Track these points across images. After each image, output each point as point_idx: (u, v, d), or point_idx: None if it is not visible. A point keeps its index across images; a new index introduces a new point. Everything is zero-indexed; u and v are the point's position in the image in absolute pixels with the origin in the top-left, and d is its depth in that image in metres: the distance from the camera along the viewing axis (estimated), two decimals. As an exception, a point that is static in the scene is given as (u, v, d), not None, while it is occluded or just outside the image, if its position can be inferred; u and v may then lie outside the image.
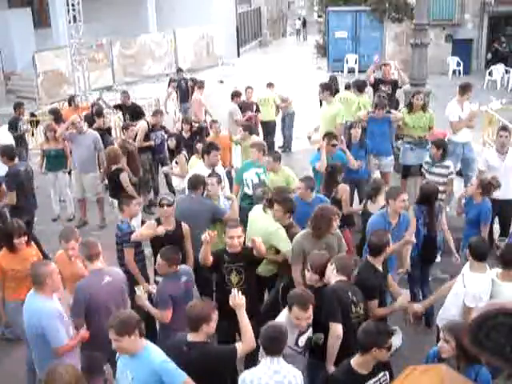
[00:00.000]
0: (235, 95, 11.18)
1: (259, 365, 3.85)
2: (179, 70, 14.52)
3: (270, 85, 12.10)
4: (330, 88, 9.48)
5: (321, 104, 10.69)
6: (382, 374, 3.85)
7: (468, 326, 1.94)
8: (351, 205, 7.19)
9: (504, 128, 7.36)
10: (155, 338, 4.88)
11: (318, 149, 7.41)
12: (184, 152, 8.50)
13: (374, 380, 3.81)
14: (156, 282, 5.59)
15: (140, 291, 5.01)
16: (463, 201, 7.09)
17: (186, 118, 10.28)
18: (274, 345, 3.79)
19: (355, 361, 3.78)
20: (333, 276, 4.47)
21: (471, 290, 4.65)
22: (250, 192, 7.13)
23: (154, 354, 3.74)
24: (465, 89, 8.56)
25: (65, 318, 4.44)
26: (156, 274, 5.58)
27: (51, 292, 4.41)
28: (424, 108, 8.73)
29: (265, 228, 5.53)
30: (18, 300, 5.05)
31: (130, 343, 3.65)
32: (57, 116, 10.02)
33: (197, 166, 7.26)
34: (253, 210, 6.01)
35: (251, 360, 4.46)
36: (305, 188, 6.02)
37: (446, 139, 8.36)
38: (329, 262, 4.56)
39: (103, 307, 4.66)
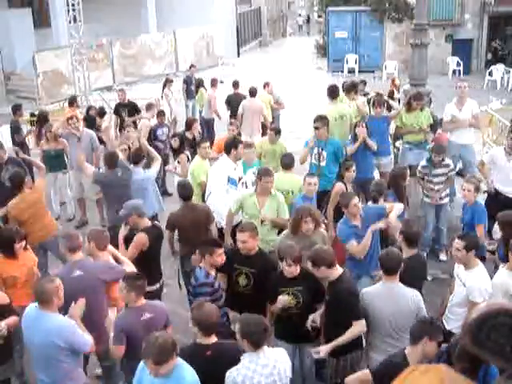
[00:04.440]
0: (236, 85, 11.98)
1: (245, 362, 3.75)
2: (192, 66, 14.64)
3: (265, 85, 12.11)
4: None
5: None
6: None
7: (468, 326, 1.93)
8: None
9: None
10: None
11: None
12: (187, 152, 8.50)
13: None
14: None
15: (113, 313, 4.59)
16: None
17: (191, 118, 10.32)
18: (259, 338, 3.73)
19: (408, 349, 3.78)
20: (326, 272, 4.47)
21: (475, 285, 4.66)
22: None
23: (186, 373, 3.61)
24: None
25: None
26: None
27: (56, 308, 4.24)
28: (421, 107, 8.76)
29: None
30: (18, 306, 4.93)
31: (167, 368, 3.49)
32: (42, 118, 10.01)
33: (222, 159, 7.19)
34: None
35: None
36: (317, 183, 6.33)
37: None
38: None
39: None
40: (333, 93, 8.61)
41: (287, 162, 6.92)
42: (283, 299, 4.64)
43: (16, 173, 6.91)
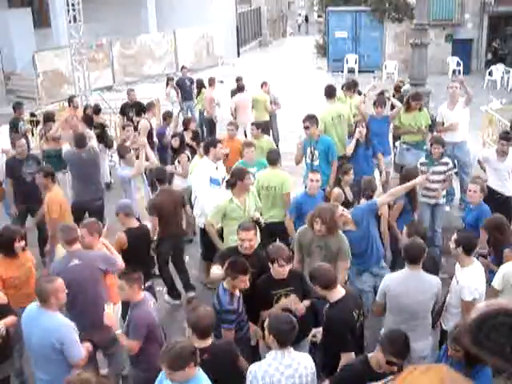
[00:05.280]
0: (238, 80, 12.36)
1: (269, 358, 3.77)
2: (183, 68, 14.66)
3: (263, 84, 12.23)
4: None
5: None
6: (389, 377, 3.70)
7: (467, 326, 1.93)
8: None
9: (505, 138, 7.28)
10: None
11: None
12: (187, 152, 8.51)
13: (383, 381, 3.69)
14: None
15: (110, 309, 4.46)
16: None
17: (188, 117, 10.33)
18: (286, 336, 3.74)
19: (372, 354, 3.76)
20: (326, 293, 4.37)
21: (465, 283, 4.67)
22: None
23: None
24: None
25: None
26: None
27: (57, 308, 4.27)
28: (420, 107, 8.75)
29: None
30: (18, 307, 4.92)
31: (183, 376, 3.41)
32: (47, 119, 10.06)
33: (201, 161, 7.27)
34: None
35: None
36: (320, 179, 6.30)
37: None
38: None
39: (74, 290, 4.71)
40: (329, 93, 8.63)
41: (273, 158, 6.96)
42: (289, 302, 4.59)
43: (47, 168, 7.05)
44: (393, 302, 4.64)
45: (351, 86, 9.49)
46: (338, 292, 4.34)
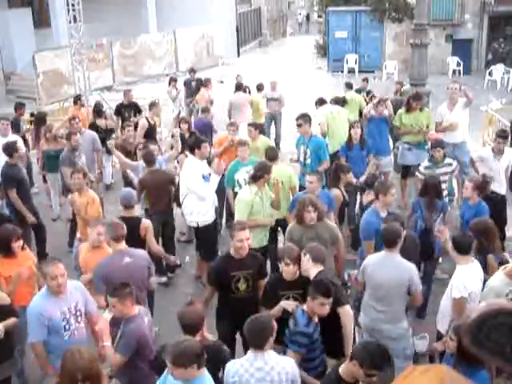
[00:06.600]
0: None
1: (244, 358, 3.73)
2: (192, 71, 14.65)
3: (259, 87, 12.31)
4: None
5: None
6: None
7: (467, 326, 1.93)
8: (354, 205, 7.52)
9: (502, 136, 7.32)
10: None
11: None
12: (187, 152, 8.52)
13: None
14: None
15: (107, 316, 4.34)
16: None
17: (184, 117, 10.31)
18: (256, 338, 3.66)
19: (342, 368, 3.52)
20: (311, 266, 4.51)
21: (455, 281, 4.69)
22: None
23: None
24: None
25: (54, 322, 4.36)
26: None
27: (51, 291, 4.35)
28: (421, 108, 8.76)
29: None
30: (19, 306, 4.95)
31: (183, 374, 3.36)
32: (39, 119, 10.05)
33: (189, 160, 7.29)
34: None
35: None
36: (317, 181, 6.24)
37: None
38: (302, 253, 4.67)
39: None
40: (321, 100, 9.64)
41: (272, 154, 7.04)
42: (291, 305, 4.44)
43: (81, 167, 7.15)
44: (370, 280, 4.91)
45: (339, 102, 9.68)
46: (314, 266, 4.54)
